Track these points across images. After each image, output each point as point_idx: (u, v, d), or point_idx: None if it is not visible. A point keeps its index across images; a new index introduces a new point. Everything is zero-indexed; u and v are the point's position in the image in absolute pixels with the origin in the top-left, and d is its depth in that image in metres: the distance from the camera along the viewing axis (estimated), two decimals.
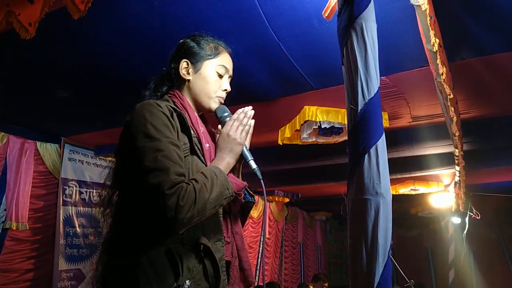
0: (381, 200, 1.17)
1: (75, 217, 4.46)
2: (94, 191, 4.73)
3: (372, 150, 1.20)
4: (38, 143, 4.19)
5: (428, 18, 1.73)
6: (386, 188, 1.19)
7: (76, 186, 4.53)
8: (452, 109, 2.59)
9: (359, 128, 1.25)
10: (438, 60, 1.98)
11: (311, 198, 8.04)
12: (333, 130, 3.53)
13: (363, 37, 1.25)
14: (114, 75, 2.93)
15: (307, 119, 3.39)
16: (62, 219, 4.29)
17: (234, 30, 2.32)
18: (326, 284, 5.75)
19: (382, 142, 1.22)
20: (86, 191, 4.65)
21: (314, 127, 3.46)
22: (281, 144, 3.75)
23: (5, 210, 3.79)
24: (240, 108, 1.36)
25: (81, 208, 4.56)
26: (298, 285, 6.02)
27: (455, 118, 2.75)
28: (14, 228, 3.82)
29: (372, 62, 1.24)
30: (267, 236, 7.30)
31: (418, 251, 10.20)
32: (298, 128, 3.52)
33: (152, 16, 2.26)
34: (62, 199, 4.32)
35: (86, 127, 4.17)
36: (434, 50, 1.89)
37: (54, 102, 3.46)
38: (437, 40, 1.90)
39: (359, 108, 1.24)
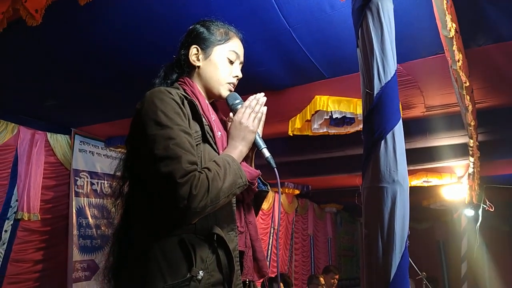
0: (398, 188, 1.12)
1: (87, 208, 4.49)
2: (105, 182, 4.74)
3: (389, 136, 1.15)
4: (49, 134, 4.19)
5: (444, 2, 1.67)
6: (403, 176, 1.14)
7: (87, 177, 4.55)
8: (468, 97, 2.52)
9: (375, 113, 1.20)
10: (454, 46, 1.91)
11: (322, 190, 8.00)
12: (345, 120, 3.48)
13: (379, 17, 1.19)
14: (123, 65, 2.91)
15: (318, 109, 3.34)
16: (75, 210, 4.31)
17: (243, 16, 2.27)
18: (337, 277, 5.71)
19: (399, 128, 1.17)
20: (97, 182, 4.66)
21: (325, 117, 3.42)
22: (291, 135, 3.70)
23: (16, 201, 3.82)
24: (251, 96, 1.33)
25: (93, 199, 4.59)
26: (308, 277, 5.99)
27: (470, 107, 2.67)
28: (26, 219, 3.84)
29: (388, 43, 1.18)
30: (277, 227, 7.27)
31: (430, 243, 10.10)
32: (308, 118, 3.47)
33: (161, 4, 2.23)
34: (74, 190, 4.35)
35: (96, 118, 4.17)
36: (450, 36, 1.83)
37: (64, 93, 3.46)
38: (454, 25, 1.83)
39: (375, 92, 1.19)
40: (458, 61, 2.01)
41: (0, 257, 3.64)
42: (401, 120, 1.19)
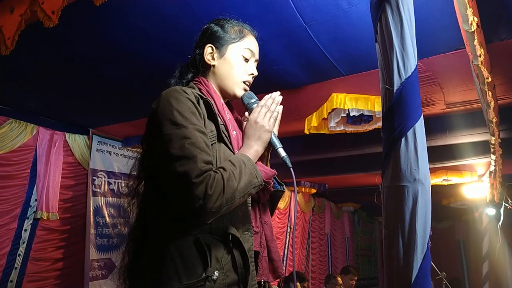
0: (420, 187, 1.09)
1: (104, 207, 4.54)
2: (122, 181, 4.79)
3: (410, 133, 1.12)
4: (67, 135, 4.25)
5: None
6: (425, 174, 1.10)
7: (104, 177, 4.59)
8: (490, 93, 2.45)
9: (395, 109, 1.16)
10: (476, 41, 1.85)
11: (339, 189, 7.95)
12: (362, 118, 3.43)
13: (398, 11, 1.15)
14: (140, 65, 2.92)
15: (335, 107, 3.30)
16: (92, 209, 4.36)
17: (258, 14, 2.24)
18: (356, 278, 5.62)
19: (420, 125, 1.13)
20: (114, 182, 4.71)
21: (343, 115, 3.37)
22: (307, 133, 3.67)
23: (36, 200, 3.88)
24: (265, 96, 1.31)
25: (110, 198, 4.63)
26: (325, 276, 5.94)
27: (492, 104, 2.60)
28: (45, 218, 3.90)
29: (409, 38, 1.14)
30: (293, 226, 7.24)
31: (450, 243, 9.96)
32: (325, 116, 3.43)
33: (176, 4, 2.22)
34: (92, 190, 4.40)
35: (113, 118, 4.21)
36: (471, 31, 1.77)
37: (82, 93, 3.49)
38: (475, 19, 1.78)
39: (395, 88, 1.15)
40: (480, 56, 1.95)
41: (20, 256, 3.70)
42: (422, 117, 1.16)
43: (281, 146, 1.28)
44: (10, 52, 2.03)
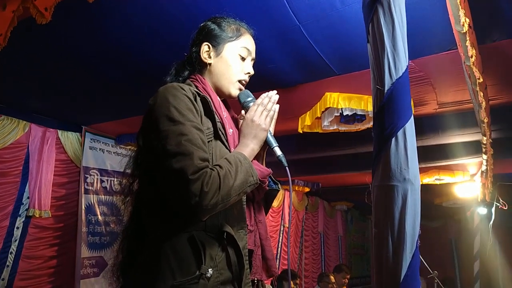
0: (409, 186, 1.10)
1: (96, 205, 4.52)
2: (115, 179, 4.77)
3: (400, 133, 1.13)
4: (60, 132, 4.23)
5: None
6: (414, 174, 1.12)
7: (97, 175, 4.57)
8: (481, 94, 2.47)
9: (385, 109, 1.17)
10: (468, 42, 1.87)
11: (332, 188, 7.97)
12: (356, 118, 3.44)
13: (390, 12, 1.16)
14: (134, 63, 2.91)
15: (328, 106, 3.31)
16: (84, 207, 4.35)
17: (253, 12, 2.25)
18: (348, 276, 5.66)
19: (410, 125, 1.14)
20: (107, 180, 4.69)
21: (336, 114, 3.38)
22: (301, 132, 3.68)
23: (28, 198, 3.85)
24: (260, 94, 1.31)
25: (102, 196, 4.62)
26: (318, 274, 5.97)
27: (484, 104, 2.62)
28: (37, 216, 3.89)
29: (400, 39, 1.15)
30: (286, 225, 7.26)
31: (442, 242, 10.01)
32: (319, 115, 3.44)
33: (173, 2, 2.22)
34: (84, 187, 4.38)
35: (106, 116, 4.19)
36: (464, 31, 1.79)
37: (75, 91, 3.48)
38: (467, 20, 1.79)
39: (386, 88, 1.16)
40: (472, 56, 1.96)
41: (12, 254, 3.69)
42: (412, 117, 1.17)
43: (277, 145, 1.28)
44: (2, 49, 2.00)
